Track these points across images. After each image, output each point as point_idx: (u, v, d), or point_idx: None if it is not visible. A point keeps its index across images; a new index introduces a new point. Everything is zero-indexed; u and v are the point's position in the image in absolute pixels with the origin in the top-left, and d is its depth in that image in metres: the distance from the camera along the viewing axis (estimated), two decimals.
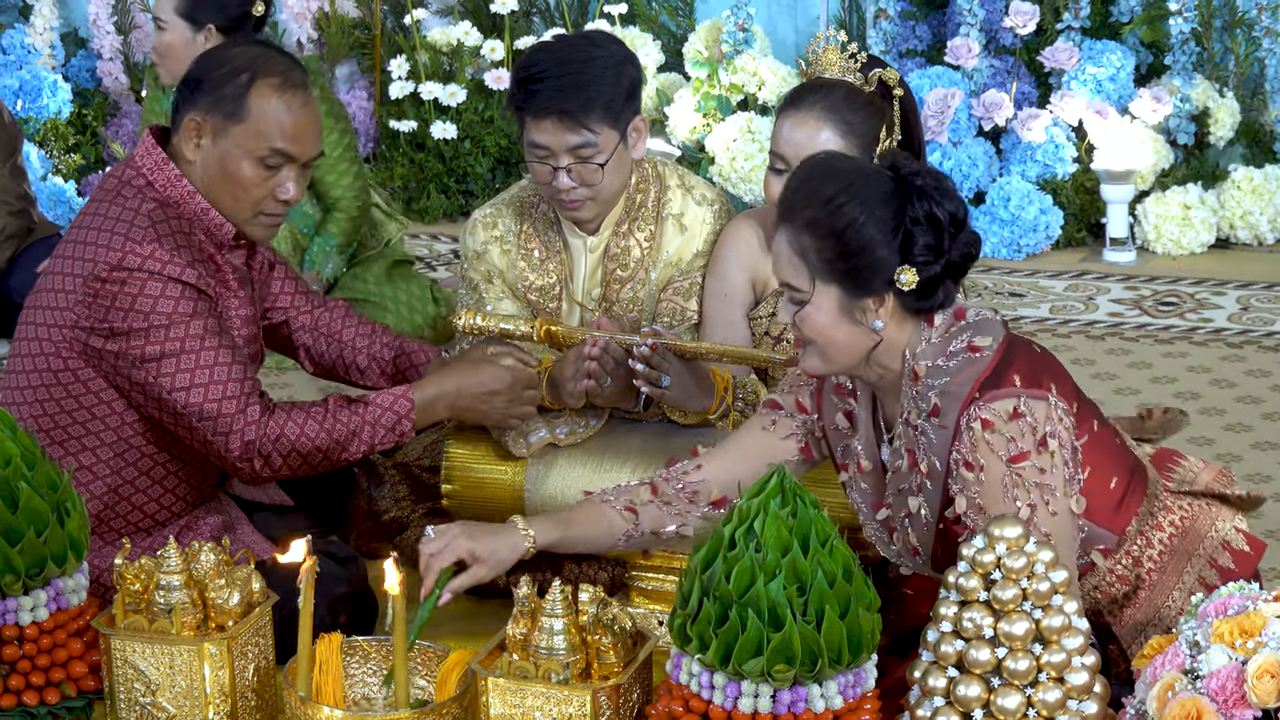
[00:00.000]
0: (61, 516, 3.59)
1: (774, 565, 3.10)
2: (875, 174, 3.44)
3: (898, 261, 3.40)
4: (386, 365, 4.42)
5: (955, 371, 3.43)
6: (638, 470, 4.14)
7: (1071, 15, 7.07)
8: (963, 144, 6.94)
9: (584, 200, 4.21)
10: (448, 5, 7.87)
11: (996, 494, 3.40)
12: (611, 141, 4.17)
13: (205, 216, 4.00)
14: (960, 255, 3.45)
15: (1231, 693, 3.05)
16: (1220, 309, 6.29)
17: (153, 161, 4.01)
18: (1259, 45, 7.07)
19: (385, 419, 4.01)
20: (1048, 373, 3.46)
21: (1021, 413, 3.39)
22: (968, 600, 3.19)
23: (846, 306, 3.44)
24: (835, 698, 3.19)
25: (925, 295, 3.44)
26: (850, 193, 3.40)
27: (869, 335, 3.46)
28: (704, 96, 7.25)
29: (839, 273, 3.41)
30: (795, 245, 3.44)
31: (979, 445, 3.39)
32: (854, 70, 4.12)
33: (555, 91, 4.12)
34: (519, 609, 3.43)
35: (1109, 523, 3.56)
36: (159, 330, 3.90)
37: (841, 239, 3.39)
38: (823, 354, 3.49)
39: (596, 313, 4.33)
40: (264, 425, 3.93)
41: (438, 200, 7.30)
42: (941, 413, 3.43)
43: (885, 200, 3.39)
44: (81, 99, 7.58)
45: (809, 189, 3.43)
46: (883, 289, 3.42)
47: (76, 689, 3.65)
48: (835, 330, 3.46)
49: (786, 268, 3.47)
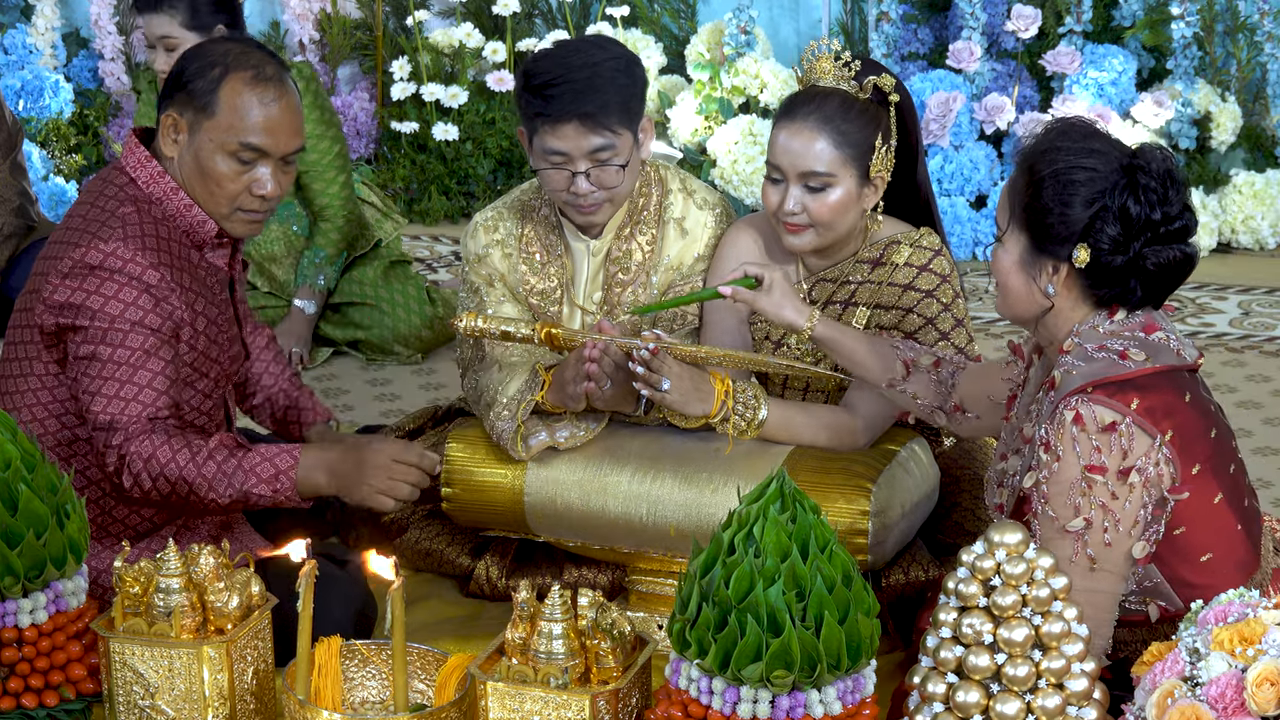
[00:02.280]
0: (61, 519, 3.59)
1: (773, 570, 3.10)
2: (1117, 154, 3.46)
3: (1079, 238, 3.43)
4: (278, 409, 4.45)
5: (1092, 363, 3.44)
6: (638, 473, 4.14)
7: (1073, 19, 7.07)
8: (964, 147, 6.94)
9: (601, 203, 4.22)
10: (450, 7, 7.87)
11: (1063, 490, 3.40)
12: (628, 143, 4.18)
13: (188, 214, 4.01)
14: (1154, 264, 3.44)
15: (1231, 700, 3.05)
16: (1221, 314, 6.29)
17: (136, 160, 4.03)
18: (1261, 50, 7.07)
19: (263, 470, 3.90)
20: (1177, 421, 3.42)
21: (1118, 430, 3.38)
22: (967, 606, 3.19)
23: (1028, 259, 3.50)
24: (834, 703, 3.19)
25: (1100, 283, 3.47)
26: (1077, 154, 3.45)
27: (1040, 297, 3.50)
28: (706, 99, 7.25)
29: (1030, 220, 3.47)
30: (1014, 180, 3.52)
31: (1064, 436, 3.39)
32: (848, 78, 4.13)
33: (574, 95, 4.12)
34: (518, 613, 3.43)
35: (1182, 589, 3.49)
36: (96, 331, 3.91)
37: (1043, 188, 3.45)
38: (1003, 296, 3.57)
39: (598, 317, 4.33)
40: (142, 441, 3.89)
41: (439, 202, 7.30)
42: (1056, 388, 3.45)
43: (1103, 178, 3.43)
44: (83, 99, 7.58)
45: (1051, 135, 3.49)
46: (1062, 259, 3.46)
47: (75, 692, 3.65)
48: (1012, 277, 3.52)
49: (1003, 199, 3.55)
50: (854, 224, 4.18)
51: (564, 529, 4.23)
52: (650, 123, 4.27)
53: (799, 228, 4.14)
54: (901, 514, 4.09)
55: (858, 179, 4.10)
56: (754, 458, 4.11)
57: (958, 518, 4.27)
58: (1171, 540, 3.43)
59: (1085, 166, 3.43)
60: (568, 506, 4.18)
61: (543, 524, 4.24)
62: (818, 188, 4.09)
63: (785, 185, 4.12)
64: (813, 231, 4.14)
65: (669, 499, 4.11)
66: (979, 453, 4.39)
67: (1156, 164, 3.45)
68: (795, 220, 4.12)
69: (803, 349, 4.24)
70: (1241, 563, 3.52)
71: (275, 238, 5.97)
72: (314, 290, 5.92)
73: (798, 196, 4.11)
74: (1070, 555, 3.37)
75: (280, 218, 6.00)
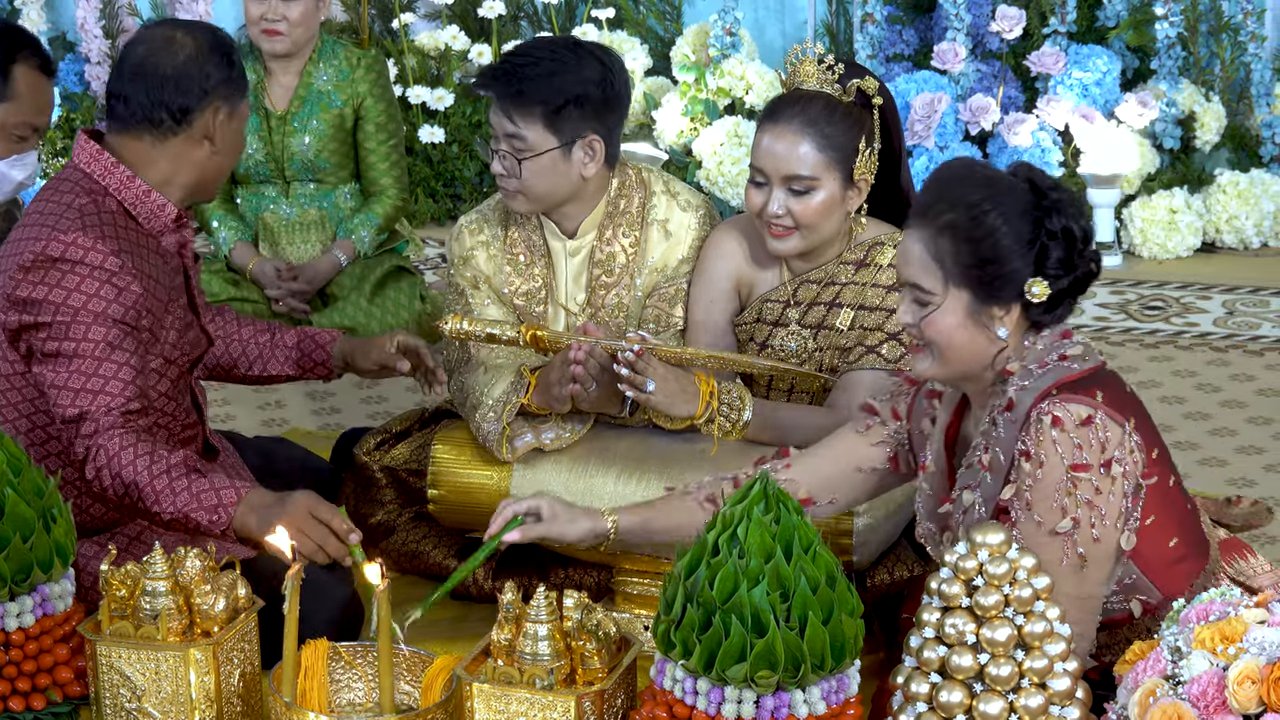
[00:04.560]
0: (48, 523, 3.60)
1: (757, 571, 3.11)
2: (1013, 184, 3.46)
3: (1030, 273, 3.42)
4: (292, 350, 4.46)
5: (1041, 374, 3.44)
6: (623, 475, 4.15)
7: (1058, 20, 7.08)
8: (949, 148, 6.95)
9: (513, 191, 4.26)
10: (435, 9, 7.88)
11: (1048, 495, 3.39)
12: (544, 143, 4.20)
13: (146, 200, 4.04)
14: (1084, 272, 3.47)
15: (1213, 699, 3.06)
16: (1206, 313, 6.30)
17: (87, 155, 4.05)
18: (1245, 50, 7.09)
19: (206, 499, 3.86)
20: (1131, 408, 3.46)
21: (1094, 424, 3.38)
22: (950, 606, 3.20)
23: (974, 312, 3.45)
24: (818, 703, 3.20)
25: (1051, 308, 3.46)
26: (993, 201, 3.42)
27: (992, 343, 3.47)
28: (691, 100, 7.26)
29: (973, 279, 3.43)
30: (931, 247, 3.45)
31: (1044, 441, 3.38)
32: (831, 82, 4.14)
33: (500, 76, 4.21)
34: (504, 614, 3.43)
35: (1158, 579, 3.51)
36: (60, 326, 3.92)
37: (981, 246, 3.41)
38: (941, 357, 3.50)
39: (581, 318, 4.34)
40: (110, 436, 3.89)
41: (425, 204, 7.31)
42: (1015, 407, 3.44)
43: (1024, 212, 3.41)
44: (69, 103, 7.59)
45: (952, 193, 3.45)
46: (1012, 299, 3.44)
47: (62, 695, 3.66)
48: (959, 335, 3.47)
49: (918, 268, 3.47)
50: (838, 226, 4.19)
51: None
52: (599, 143, 4.25)
53: (783, 232, 4.15)
54: (886, 514, 4.10)
55: (841, 182, 4.11)
56: (739, 459, 4.11)
57: None
58: (1143, 530, 3.46)
59: (1006, 209, 3.42)
60: None
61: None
62: (802, 190, 4.11)
63: (769, 188, 4.13)
64: (797, 235, 4.15)
65: None
66: None
67: (1041, 175, 3.48)
68: (779, 223, 4.14)
69: (787, 350, 4.25)
70: (1199, 543, 3.57)
71: (312, 222, 6.07)
72: (356, 250, 6.01)
73: (781, 199, 4.12)
74: (1059, 558, 3.37)
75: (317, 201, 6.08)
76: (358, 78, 6.08)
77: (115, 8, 7.63)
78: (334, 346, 4.42)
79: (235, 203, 6.18)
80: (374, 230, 6.06)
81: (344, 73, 6.08)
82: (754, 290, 4.30)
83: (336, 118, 6.03)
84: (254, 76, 6.06)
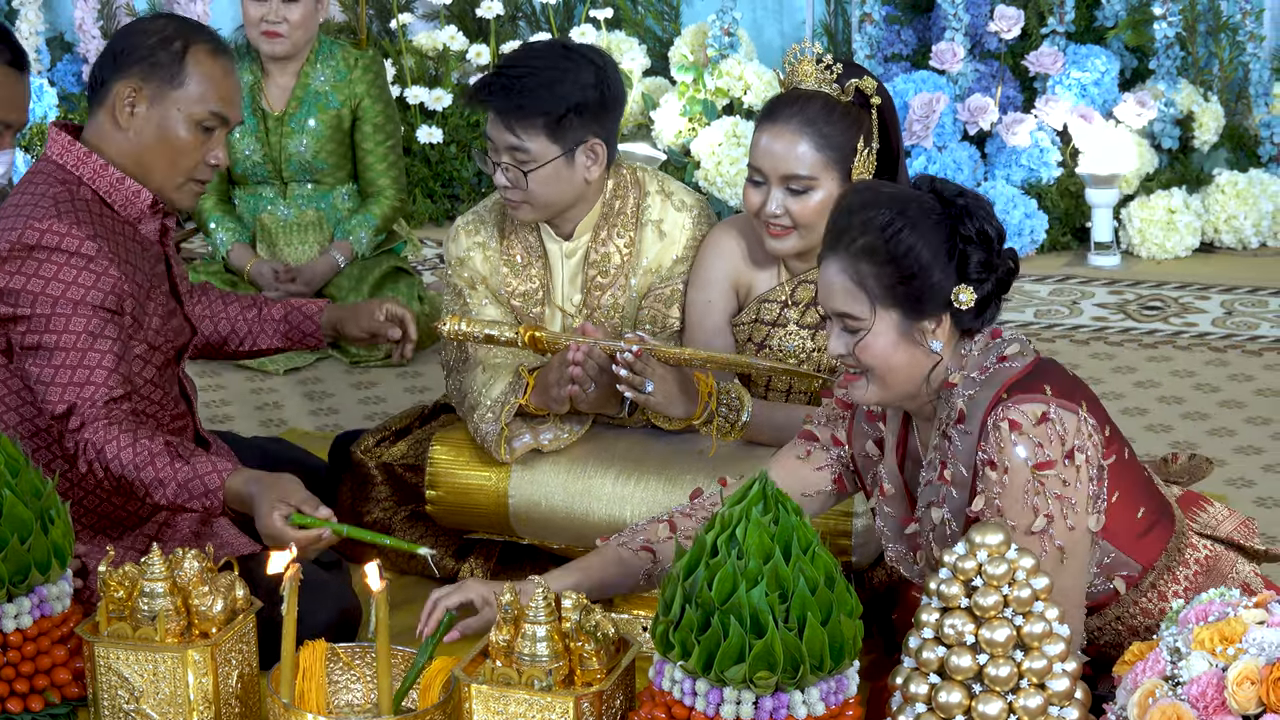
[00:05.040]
0: (45, 524, 3.59)
1: (756, 572, 3.11)
2: (920, 197, 3.46)
3: (954, 282, 3.42)
4: (279, 323, 4.45)
5: (985, 380, 3.45)
6: (622, 475, 4.15)
7: (1056, 19, 7.09)
8: (948, 148, 6.95)
9: (518, 202, 4.25)
10: (433, 10, 7.88)
11: (1017, 498, 3.39)
12: (547, 153, 4.19)
13: (120, 187, 4.03)
14: (1004, 270, 3.48)
15: (1212, 699, 3.06)
16: (1204, 313, 6.30)
17: (59, 147, 4.05)
18: (1243, 50, 7.09)
19: (194, 486, 3.89)
20: (1079, 392, 3.47)
21: (1050, 419, 3.39)
22: (949, 607, 3.20)
23: (905, 330, 3.45)
24: (817, 704, 3.20)
25: (980, 313, 3.47)
26: (904, 218, 3.42)
27: (928, 357, 3.47)
28: (689, 101, 7.26)
29: (899, 297, 3.43)
30: (851, 273, 3.44)
31: (1005, 446, 3.39)
32: (830, 81, 4.14)
33: (501, 89, 4.18)
34: (502, 616, 3.43)
35: (1134, 551, 3.54)
36: (40, 319, 3.92)
37: (901, 263, 3.41)
38: (881, 381, 3.49)
39: (578, 319, 4.34)
40: (95, 430, 3.91)
41: (423, 205, 7.31)
42: (967, 417, 3.44)
43: (937, 223, 3.42)
44: (67, 103, 7.58)
45: (861, 217, 3.44)
46: (940, 310, 3.45)
47: (60, 696, 3.65)
48: (895, 355, 3.46)
49: (842, 297, 3.46)
50: None
51: (548, 531, 4.24)
52: (601, 146, 4.25)
53: (782, 232, 4.15)
54: None
55: (839, 181, 4.11)
56: (738, 459, 4.12)
57: None
58: (1111, 507, 3.48)
59: (918, 223, 3.42)
60: (552, 509, 4.19)
61: (527, 526, 4.25)
62: (800, 190, 4.11)
63: (767, 187, 4.13)
64: (795, 235, 4.15)
65: (653, 501, 4.11)
66: None
67: (943, 184, 3.49)
68: (777, 222, 4.14)
69: (786, 350, 4.25)
70: (1162, 507, 3.60)
71: (310, 223, 6.08)
72: (354, 251, 6.01)
73: (779, 199, 4.12)
74: (1038, 556, 3.38)
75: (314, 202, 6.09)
76: (355, 78, 6.08)
77: (113, 8, 7.62)
78: (321, 316, 4.43)
79: (233, 204, 6.18)
80: (372, 231, 6.07)
81: (341, 73, 6.08)
82: (752, 290, 4.30)
83: (334, 119, 6.03)
84: (251, 78, 6.06)
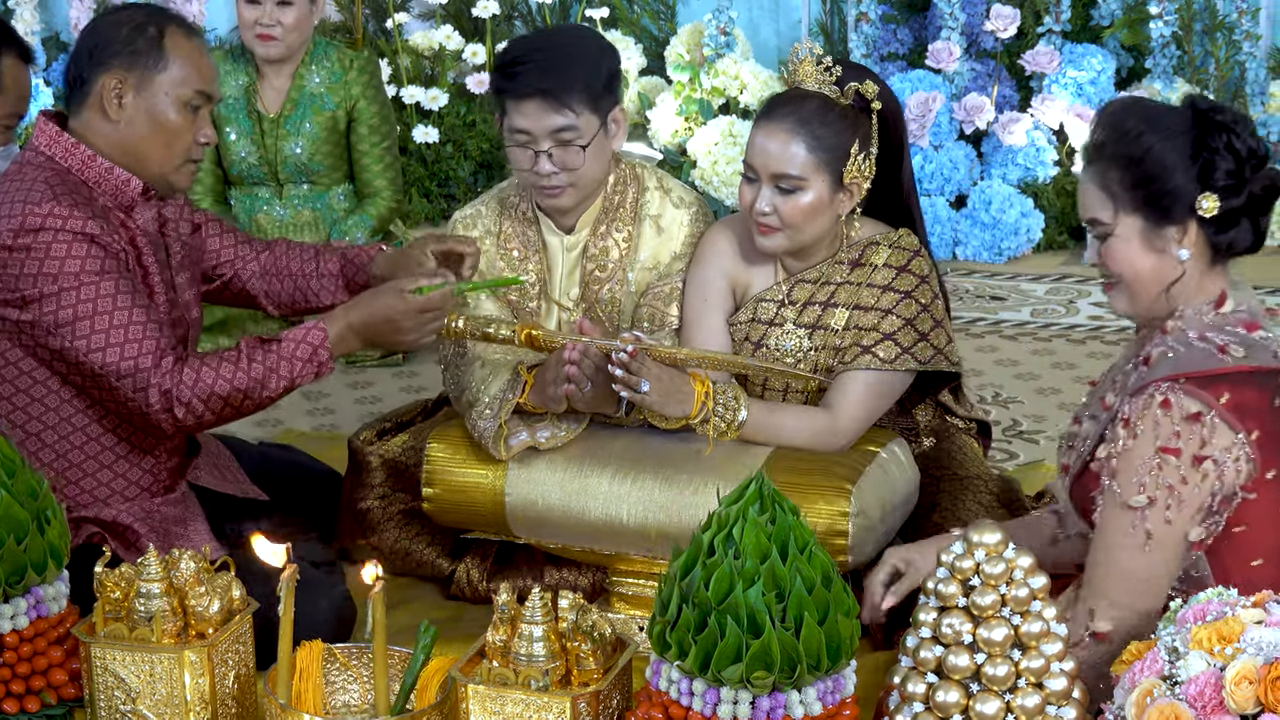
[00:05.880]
0: (41, 524, 3.59)
1: (753, 572, 3.11)
2: (1173, 109, 3.55)
3: (1198, 189, 3.47)
4: (337, 278, 4.46)
5: (1186, 350, 3.48)
6: (619, 474, 4.15)
7: (1052, 19, 7.09)
8: (944, 147, 6.95)
9: (564, 187, 4.24)
10: (429, 9, 7.88)
11: (1131, 466, 3.43)
12: (592, 126, 4.20)
13: (109, 177, 4.03)
14: (1262, 188, 3.52)
15: (1210, 699, 3.05)
16: None
17: (47, 138, 4.05)
18: (1239, 49, 7.09)
19: (300, 352, 4.01)
20: (1264, 425, 3.45)
21: (1204, 422, 3.40)
22: (947, 606, 3.20)
23: (1149, 236, 3.52)
24: (814, 704, 3.19)
25: (1226, 227, 3.51)
26: (1150, 124, 3.50)
27: (1173, 266, 3.52)
28: (685, 100, 7.26)
29: (1140, 200, 3.50)
30: (1100, 180, 3.53)
31: (1146, 416, 3.42)
32: (829, 83, 4.14)
33: (537, 72, 4.17)
34: (498, 616, 3.43)
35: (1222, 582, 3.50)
36: (69, 293, 3.91)
37: (1141, 165, 3.48)
38: (1130, 289, 3.56)
39: (575, 313, 4.34)
40: (180, 373, 3.94)
41: (419, 204, 7.31)
42: (1151, 365, 3.49)
43: (1184, 130, 3.49)
44: (63, 103, 7.56)
45: (1111, 125, 3.54)
46: (1185, 216, 3.49)
47: (57, 696, 3.64)
48: (1140, 261, 3.53)
49: (1092, 203, 3.56)
50: (825, 228, 4.18)
51: (545, 530, 4.24)
52: (623, 114, 4.30)
53: (769, 229, 4.15)
54: (882, 515, 4.10)
55: (830, 183, 4.11)
56: (734, 459, 4.11)
57: (937, 518, 4.27)
58: (1230, 537, 3.47)
59: (1163, 129, 3.49)
60: (548, 507, 4.18)
61: (523, 525, 4.25)
62: (789, 189, 4.11)
63: (759, 184, 4.14)
64: (782, 234, 4.15)
65: (650, 500, 4.11)
66: (958, 454, 4.40)
67: (1203, 100, 3.55)
68: (766, 220, 4.14)
69: (783, 350, 4.25)
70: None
71: (305, 223, 6.08)
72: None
73: (769, 197, 4.12)
74: (1128, 528, 3.41)
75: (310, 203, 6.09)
76: (350, 80, 6.08)
77: (108, 7, 7.61)
78: (372, 268, 4.43)
79: (229, 204, 6.18)
80: (368, 232, 6.07)
81: (336, 75, 6.08)
82: (749, 289, 4.30)
83: (329, 120, 6.03)
84: (246, 80, 6.06)
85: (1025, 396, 5.67)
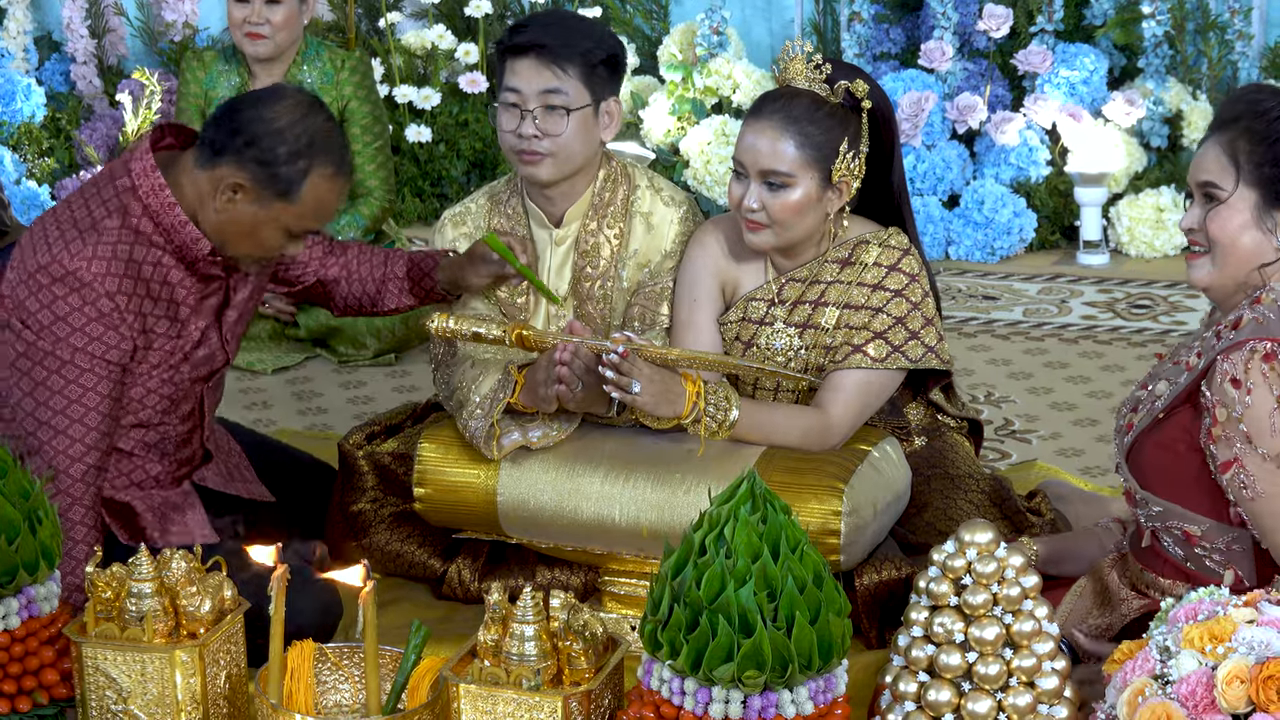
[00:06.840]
0: (33, 524, 3.58)
1: (744, 571, 3.11)
2: None
3: None
4: (403, 280, 4.46)
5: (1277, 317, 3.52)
6: (611, 474, 4.14)
7: (1045, 18, 7.09)
8: (936, 147, 6.95)
9: (544, 155, 4.26)
10: (422, 8, 7.87)
11: (1263, 421, 3.47)
12: (582, 97, 4.24)
13: (182, 231, 3.98)
14: None
15: (1201, 698, 3.06)
16: (1193, 311, 6.30)
17: (142, 167, 3.99)
18: (1232, 48, 7.09)
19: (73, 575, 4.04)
20: None
21: None
22: (938, 605, 3.20)
23: (1260, 213, 3.56)
24: (806, 703, 3.19)
25: None
26: None
27: (1271, 249, 3.57)
28: (678, 100, 7.25)
29: (1264, 179, 3.55)
30: (1228, 149, 3.57)
31: (1253, 370, 3.47)
32: (819, 81, 4.14)
33: (539, 30, 4.27)
34: (490, 615, 3.43)
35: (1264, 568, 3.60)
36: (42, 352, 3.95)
37: (1275, 146, 3.53)
38: (1221, 261, 3.59)
39: (565, 309, 4.34)
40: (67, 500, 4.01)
41: (412, 204, 7.30)
42: (1241, 327, 3.52)
43: None
44: (55, 103, 7.57)
45: (1253, 102, 3.59)
46: None
47: (48, 696, 3.64)
48: (1244, 234, 3.57)
49: (1214, 167, 3.59)
50: (814, 226, 4.19)
51: (536, 530, 4.24)
52: (618, 107, 4.33)
53: (758, 225, 4.16)
54: (874, 514, 4.10)
55: (819, 181, 4.11)
56: (726, 459, 4.11)
57: (929, 517, 4.27)
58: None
59: None
60: (540, 507, 4.18)
61: (515, 525, 4.24)
62: (777, 186, 4.11)
63: (748, 181, 4.14)
64: (770, 231, 4.15)
65: (641, 500, 4.11)
66: (950, 452, 4.40)
67: None
68: (754, 217, 4.14)
69: (774, 349, 4.25)
70: None
71: None
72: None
73: (758, 193, 4.13)
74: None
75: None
76: (342, 80, 6.08)
77: (101, 7, 7.61)
78: (439, 273, 4.41)
79: None
80: (360, 231, 6.06)
81: (328, 75, 6.08)
82: (739, 289, 4.30)
83: None
84: (237, 80, 6.06)
85: (1018, 396, 5.67)
